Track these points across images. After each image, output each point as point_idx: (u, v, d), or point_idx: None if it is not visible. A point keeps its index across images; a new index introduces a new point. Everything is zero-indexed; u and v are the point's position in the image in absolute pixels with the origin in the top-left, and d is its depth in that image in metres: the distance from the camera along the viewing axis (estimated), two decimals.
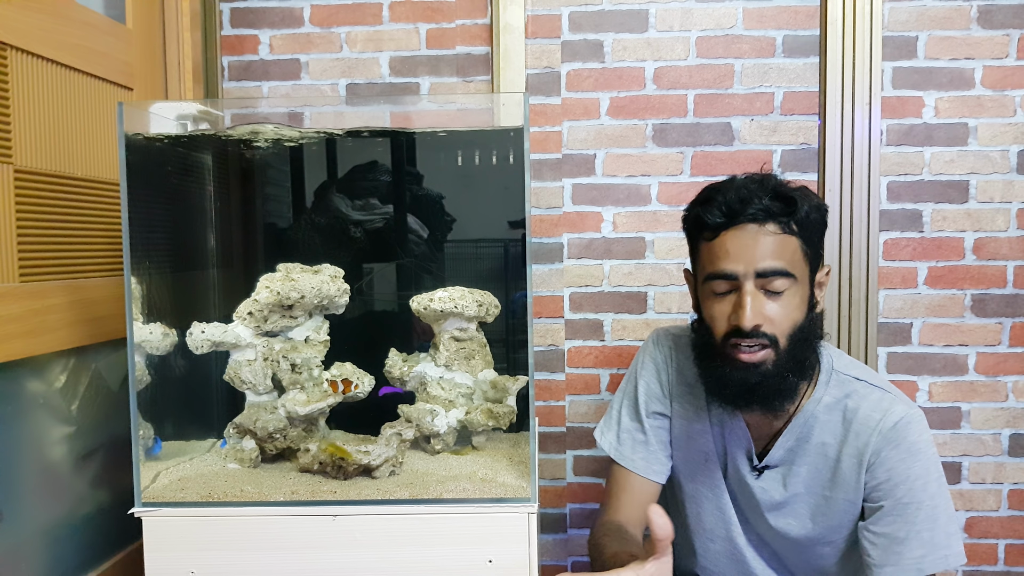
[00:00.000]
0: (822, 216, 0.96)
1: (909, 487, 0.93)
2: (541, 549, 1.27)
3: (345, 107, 1.44)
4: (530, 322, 1.04)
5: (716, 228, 0.94)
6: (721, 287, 0.94)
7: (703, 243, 0.96)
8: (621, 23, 1.48)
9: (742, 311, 0.91)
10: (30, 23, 1.01)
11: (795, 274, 0.92)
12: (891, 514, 0.94)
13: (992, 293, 1.47)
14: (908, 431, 0.95)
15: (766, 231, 0.91)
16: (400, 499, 0.99)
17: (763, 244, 0.91)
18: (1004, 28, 1.44)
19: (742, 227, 0.92)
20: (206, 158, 1.29)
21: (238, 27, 1.52)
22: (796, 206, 0.92)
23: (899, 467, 0.94)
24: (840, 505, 0.98)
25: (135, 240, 0.99)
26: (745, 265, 0.91)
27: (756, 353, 0.92)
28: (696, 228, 0.98)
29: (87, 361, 1.13)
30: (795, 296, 0.93)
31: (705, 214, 0.94)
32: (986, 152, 1.46)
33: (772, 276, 0.91)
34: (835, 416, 0.99)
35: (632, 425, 1.10)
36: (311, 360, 1.11)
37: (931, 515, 0.92)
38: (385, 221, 1.32)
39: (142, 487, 1.00)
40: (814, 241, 0.96)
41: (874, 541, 0.94)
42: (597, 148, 1.50)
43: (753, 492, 1.02)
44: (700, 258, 0.98)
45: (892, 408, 0.96)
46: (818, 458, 0.99)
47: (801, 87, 1.47)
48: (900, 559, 0.92)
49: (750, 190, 0.93)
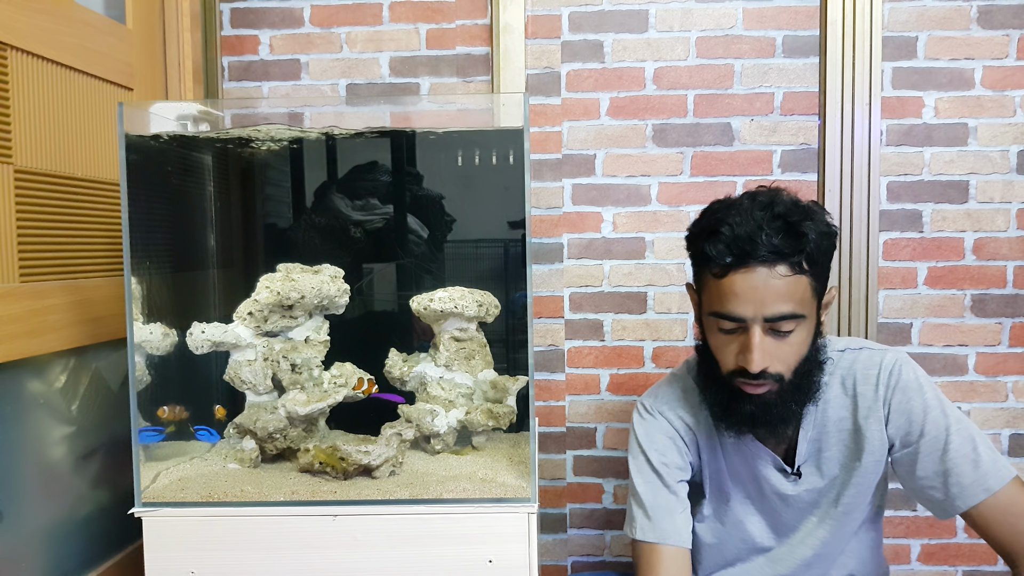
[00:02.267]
0: (831, 242, 0.93)
1: (932, 419, 0.95)
2: (541, 549, 1.27)
3: (345, 107, 1.44)
4: (530, 322, 1.04)
5: (724, 267, 0.90)
6: (728, 326, 0.92)
7: (710, 277, 0.93)
8: (621, 23, 1.48)
9: (749, 355, 0.89)
10: (30, 23, 1.01)
11: (804, 314, 0.90)
12: (929, 451, 0.95)
13: (992, 293, 1.47)
14: (903, 372, 0.98)
15: (776, 274, 0.88)
16: (400, 499, 0.99)
17: (773, 289, 0.88)
18: (1004, 28, 1.44)
19: (751, 269, 0.88)
20: (206, 158, 1.29)
21: (238, 27, 1.52)
22: (806, 241, 0.88)
23: (913, 405, 0.96)
24: (868, 468, 0.99)
25: (135, 240, 0.99)
26: (754, 309, 0.89)
27: (761, 387, 0.92)
28: (701, 259, 0.94)
29: (87, 361, 1.13)
30: (802, 332, 0.92)
31: (711, 250, 0.90)
32: (986, 152, 1.45)
33: (781, 320, 0.89)
34: (836, 391, 1.00)
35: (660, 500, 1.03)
36: (311, 360, 1.11)
37: (964, 433, 0.94)
38: (385, 221, 1.32)
39: (142, 487, 1.00)
40: (824, 273, 0.93)
41: (931, 484, 0.95)
42: (597, 148, 1.50)
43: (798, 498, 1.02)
44: (706, 289, 0.94)
45: (882, 360, 0.99)
46: (841, 434, 1.00)
47: (801, 87, 1.47)
48: (962, 488, 0.93)
49: (758, 223, 0.88)
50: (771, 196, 0.92)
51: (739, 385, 0.93)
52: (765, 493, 1.03)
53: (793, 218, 0.89)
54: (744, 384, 0.92)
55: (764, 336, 0.90)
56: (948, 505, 0.94)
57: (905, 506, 1.51)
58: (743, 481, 1.05)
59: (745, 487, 1.05)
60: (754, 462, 1.02)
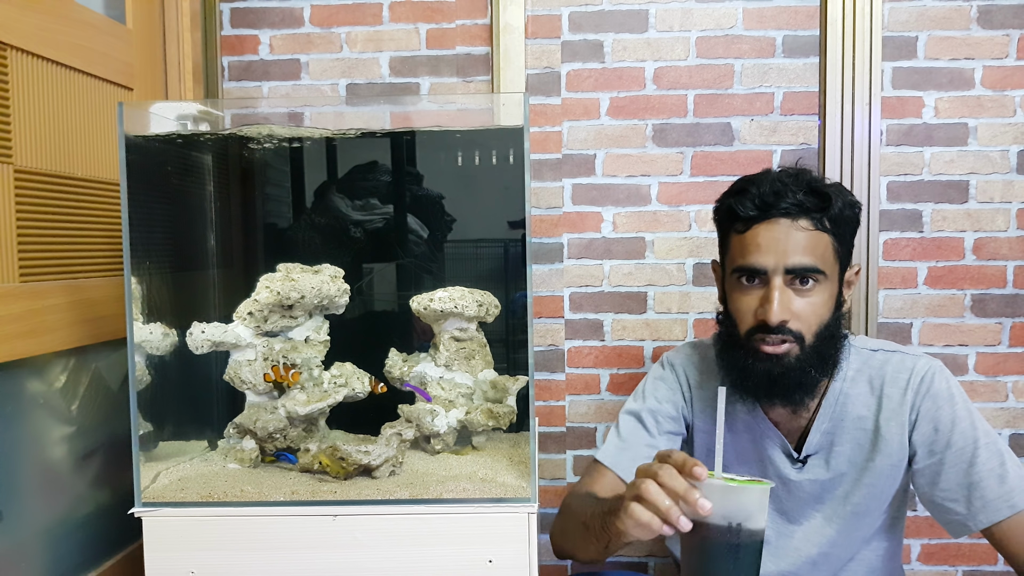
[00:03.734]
0: (855, 214, 0.96)
1: (960, 430, 0.94)
2: (541, 549, 1.27)
3: (345, 107, 1.44)
4: (530, 322, 1.04)
5: (748, 221, 0.93)
6: (748, 280, 0.94)
7: (734, 235, 0.96)
8: (621, 23, 1.48)
9: (769, 306, 0.90)
10: (30, 23, 1.01)
11: (825, 271, 0.92)
12: (954, 463, 0.93)
13: (992, 293, 1.47)
14: (936, 380, 0.96)
15: (798, 226, 0.91)
16: (400, 499, 0.99)
17: (795, 239, 0.91)
18: (1004, 28, 1.44)
19: (774, 221, 0.92)
20: (206, 158, 1.29)
21: (238, 27, 1.52)
22: (830, 202, 0.91)
23: (942, 415, 0.95)
24: (883, 471, 0.98)
25: (135, 240, 0.99)
26: (775, 259, 0.91)
27: (780, 346, 0.91)
28: (728, 219, 0.97)
29: (87, 361, 1.13)
30: (824, 293, 0.92)
31: (737, 205, 0.94)
32: (986, 152, 1.45)
33: (802, 272, 0.91)
34: (862, 388, 0.99)
35: (634, 438, 1.06)
36: (311, 360, 1.11)
37: (992, 448, 0.93)
38: (385, 221, 1.32)
39: (142, 487, 1.00)
40: (846, 239, 0.95)
41: (953, 497, 0.93)
42: (597, 148, 1.50)
43: (800, 486, 1.01)
44: (730, 250, 0.97)
45: (915, 365, 0.98)
46: (857, 432, 0.99)
47: (801, 87, 1.47)
48: (986, 502, 0.91)
49: (784, 183, 0.92)
50: (799, 169, 0.96)
51: (757, 344, 0.92)
52: (769, 476, 1.03)
53: (817, 184, 0.93)
54: (763, 343, 0.92)
55: (785, 288, 0.91)
56: (969, 520, 0.92)
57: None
58: (748, 461, 1.05)
59: (750, 468, 1.05)
60: (762, 441, 1.02)
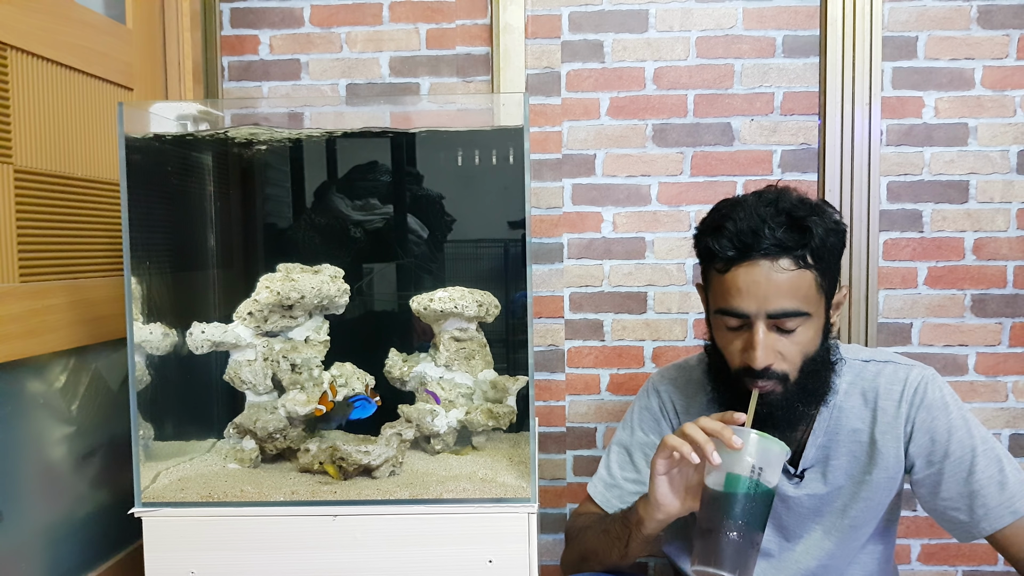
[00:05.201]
0: (839, 239, 0.91)
1: (957, 439, 0.93)
2: (541, 549, 1.27)
3: (345, 107, 1.44)
4: (530, 322, 1.04)
5: (727, 261, 0.89)
6: (732, 323, 0.91)
7: (714, 273, 0.92)
8: (621, 23, 1.48)
9: (753, 352, 0.88)
10: (30, 23, 1.01)
11: (809, 311, 0.89)
12: (954, 472, 0.93)
13: (992, 293, 1.47)
14: (930, 390, 0.95)
15: (779, 268, 0.87)
16: (400, 499, 0.99)
17: (775, 284, 0.87)
18: (1004, 28, 1.44)
19: (754, 263, 0.87)
20: (206, 158, 1.29)
21: (238, 27, 1.52)
22: (811, 236, 0.87)
23: (937, 424, 0.94)
24: (880, 484, 0.97)
25: (135, 240, 0.99)
26: (757, 305, 0.88)
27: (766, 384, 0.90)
28: (706, 256, 0.94)
29: (87, 361, 1.13)
30: (809, 330, 0.90)
31: (715, 244, 0.90)
32: (986, 152, 1.45)
33: (784, 317, 0.88)
34: (855, 401, 0.98)
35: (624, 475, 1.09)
36: (311, 360, 1.11)
37: (991, 455, 0.92)
38: (385, 221, 1.32)
39: (142, 487, 1.00)
40: (831, 269, 0.91)
41: (955, 506, 0.93)
42: (597, 148, 1.50)
43: (799, 502, 1.00)
44: (712, 288, 0.94)
45: (908, 375, 0.97)
46: (853, 445, 0.98)
47: (801, 87, 1.47)
48: (988, 510, 0.90)
49: (762, 218, 0.87)
50: (777, 194, 0.92)
51: (746, 385, 0.91)
52: None
53: (798, 213, 0.88)
54: (751, 383, 0.91)
55: (768, 333, 0.89)
56: (973, 528, 0.92)
57: (905, 506, 1.50)
58: None
59: None
60: None
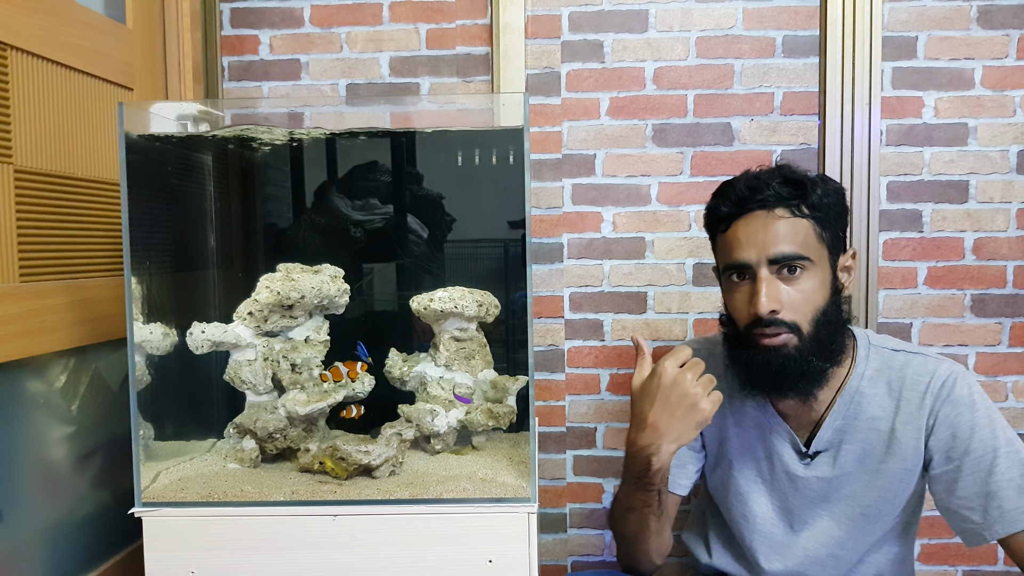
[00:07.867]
0: (839, 199, 0.96)
1: (980, 438, 0.92)
2: (541, 549, 1.27)
3: (345, 107, 1.44)
4: (530, 322, 1.04)
5: (728, 219, 0.95)
6: (738, 277, 0.95)
7: (719, 236, 0.98)
8: (621, 23, 1.48)
9: (757, 298, 0.91)
10: (30, 23, 1.01)
11: (810, 256, 0.92)
12: (972, 471, 0.92)
13: (992, 293, 1.47)
14: (958, 386, 0.95)
15: (775, 216, 0.92)
16: (400, 499, 0.99)
17: (773, 229, 0.92)
18: (1004, 28, 1.44)
19: (752, 215, 0.93)
20: (206, 158, 1.29)
21: (238, 27, 1.52)
22: (806, 189, 0.92)
23: (961, 421, 0.93)
24: (896, 475, 0.97)
25: (135, 240, 0.99)
26: (757, 252, 0.92)
27: (776, 337, 0.92)
28: (713, 222, 1.00)
29: (87, 361, 1.13)
30: (813, 279, 0.92)
31: (718, 205, 0.97)
32: (986, 152, 1.46)
33: (785, 260, 0.91)
34: (880, 389, 0.98)
35: None
36: (311, 360, 1.11)
37: (1015, 458, 0.91)
38: (385, 221, 1.32)
39: (142, 487, 1.00)
40: (831, 223, 0.95)
41: (970, 506, 0.92)
42: (597, 148, 1.50)
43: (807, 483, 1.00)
44: (719, 252, 1.00)
45: (937, 369, 0.96)
46: (870, 433, 0.98)
47: (801, 87, 1.47)
48: (1003, 512, 0.90)
49: (760, 178, 0.94)
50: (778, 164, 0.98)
51: (756, 339, 0.93)
52: (776, 472, 1.03)
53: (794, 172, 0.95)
54: (761, 336, 0.92)
55: (772, 279, 0.92)
56: (985, 530, 0.91)
57: None
58: (757, 457, 1.04)
59: (758, 463, 1.04)
60: (770, 436, 1.02)
